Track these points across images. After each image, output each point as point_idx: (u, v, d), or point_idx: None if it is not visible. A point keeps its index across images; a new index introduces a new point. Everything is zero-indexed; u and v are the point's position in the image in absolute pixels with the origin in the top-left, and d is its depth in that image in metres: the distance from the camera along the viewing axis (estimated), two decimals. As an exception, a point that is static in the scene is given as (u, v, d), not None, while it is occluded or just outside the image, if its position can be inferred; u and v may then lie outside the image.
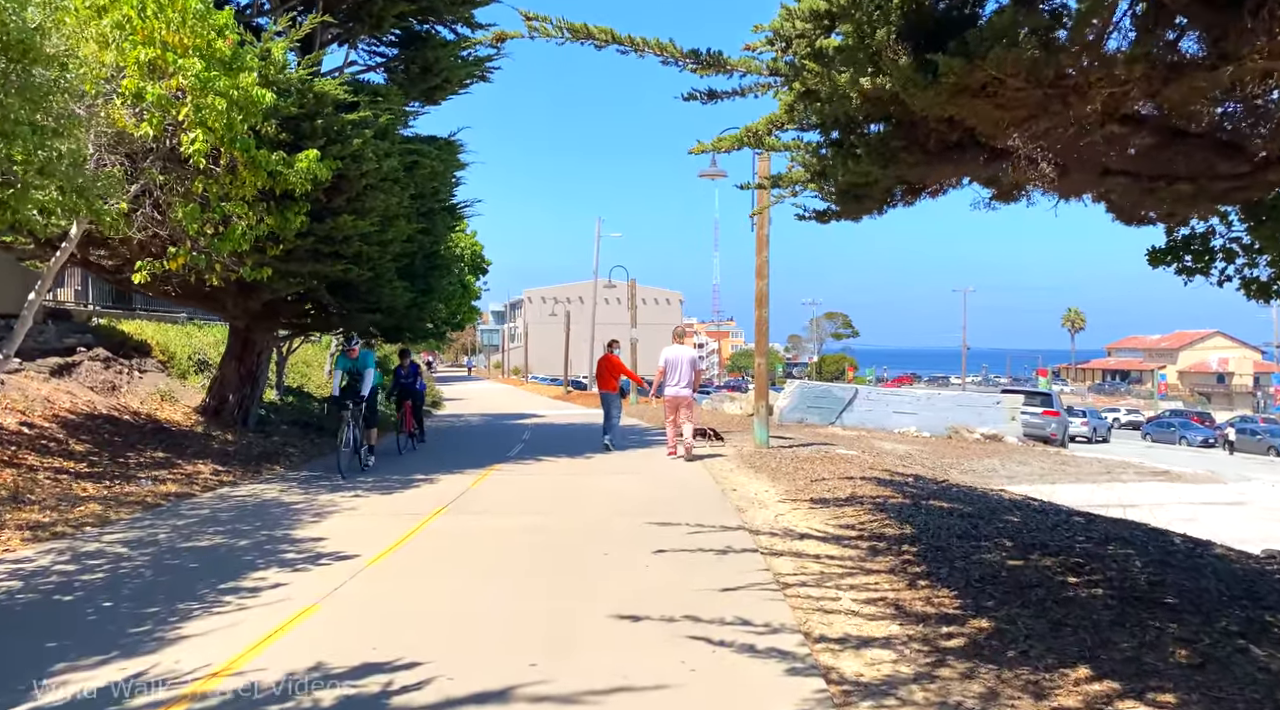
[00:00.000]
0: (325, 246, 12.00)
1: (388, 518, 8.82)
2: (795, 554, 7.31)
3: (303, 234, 11.47)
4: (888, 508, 9.00)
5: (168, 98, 8.80)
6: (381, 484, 11.19)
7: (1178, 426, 51.67)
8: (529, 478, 11.94)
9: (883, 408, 20.48)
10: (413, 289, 16.60)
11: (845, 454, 14.15)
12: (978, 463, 17.50)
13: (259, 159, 9.71)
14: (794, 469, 12.28)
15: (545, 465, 13.38)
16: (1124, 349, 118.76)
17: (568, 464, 13.50)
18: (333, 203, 11.73)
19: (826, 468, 12.24)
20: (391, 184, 12.73)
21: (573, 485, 11.12)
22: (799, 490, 10.54)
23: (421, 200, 14.75)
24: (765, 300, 15.36)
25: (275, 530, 8.21)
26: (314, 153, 10.24)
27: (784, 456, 13.77)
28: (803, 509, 9.38)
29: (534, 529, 8.24)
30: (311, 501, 9.85)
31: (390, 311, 15.79)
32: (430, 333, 23.79)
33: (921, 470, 13.77)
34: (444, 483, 11.35)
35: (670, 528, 8.28)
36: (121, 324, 17.88)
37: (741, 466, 13.09)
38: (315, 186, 11.09)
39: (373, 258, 13.19)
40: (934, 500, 9.31)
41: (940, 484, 10.78)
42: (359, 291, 13.70)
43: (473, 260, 40.88)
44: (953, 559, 6.83)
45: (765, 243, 15.30)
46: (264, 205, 10.58)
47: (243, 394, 15.93)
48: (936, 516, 8.40)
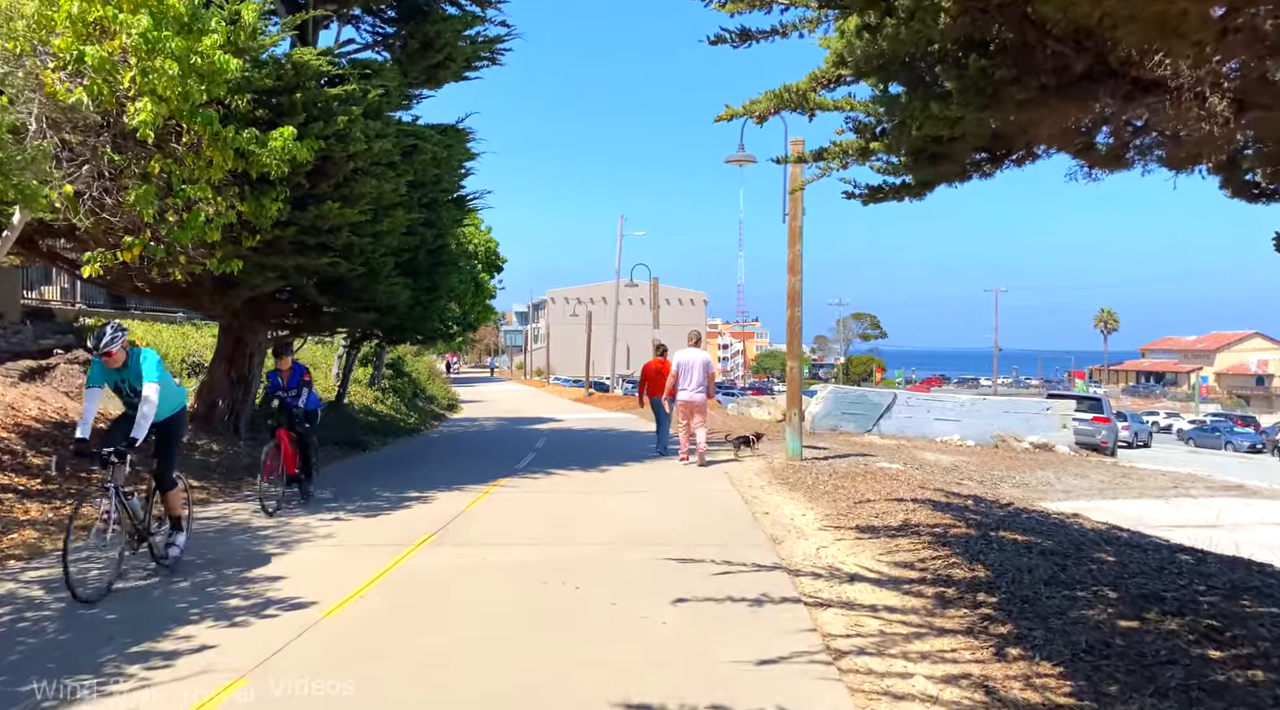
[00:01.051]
0: (310, 237, 10.79)
1: (363, 550, 7.57)
2: (847, 605, 5.97)
3: (282, 223, 10.28)
4: (950, 540, 7.63)
5: (113, 61, 7.61)
6: (369, 505, 9.96)
7: (1223, 431, 49.61)
8: (535, 496, 10.67)
9: (923, 414, 19.04)
10: (416, 286, 15.40)
11: (888, 468, 12.76)
12: (1030, 475, 16.03)
13: (224, 136, 8.51)
14: (834, 487, 10.92)
15: (555, 480, 12.10)
16: (1158, 350, 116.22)
17: (580, 479, 12.21)
18: (317, 188, 10.52)
19: (870, 486, 10.87)
20: (385, 169, 11.52)
21: (583, 507, 9.83)
22: (842, 514, 9.18)
23: (422, 189, 13.53)
24: (798, 298, 14.00)
25: (227, 566, 6.99)
26: (290, 130, 9.03)
27: (820, 471, 12.40)
28: (848, 540, 8.03)
29: (531, 566, 6.96)
30: (283, 526, 8.63)
31: (390, 310, 14.59)
32: (440, 333, 22.62)
33: (974, 487, 12.35)
34: (439, 502, 10.10)
35: (692, 566, 6.97)
36: (110, 324, 16.79)
37: (773, 482, 11.74)
38: (295, 169, 9.89)
39: (365, 251, 11.98)
40: (1004, 531, 7.92)
41: (1006, 508, 9.38)
42: (352, 288, 12.49)
43: (487, 257, 39.43)
44: (1045, 615, 5.47)
45: (798, 235, 13.95)
46: (235, 190, 9.39)
47: (234, 399, 14.79)
48: (1012, 553, 7.03)
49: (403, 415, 24.15)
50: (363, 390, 25.19)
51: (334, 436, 16.95)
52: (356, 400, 23.41)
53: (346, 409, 20.64)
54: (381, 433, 19.68)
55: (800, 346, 14.21)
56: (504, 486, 11.38)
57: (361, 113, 10.46)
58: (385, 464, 14.38)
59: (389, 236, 12.38)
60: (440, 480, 11.89)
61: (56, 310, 16.11)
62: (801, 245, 14.01)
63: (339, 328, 13.58)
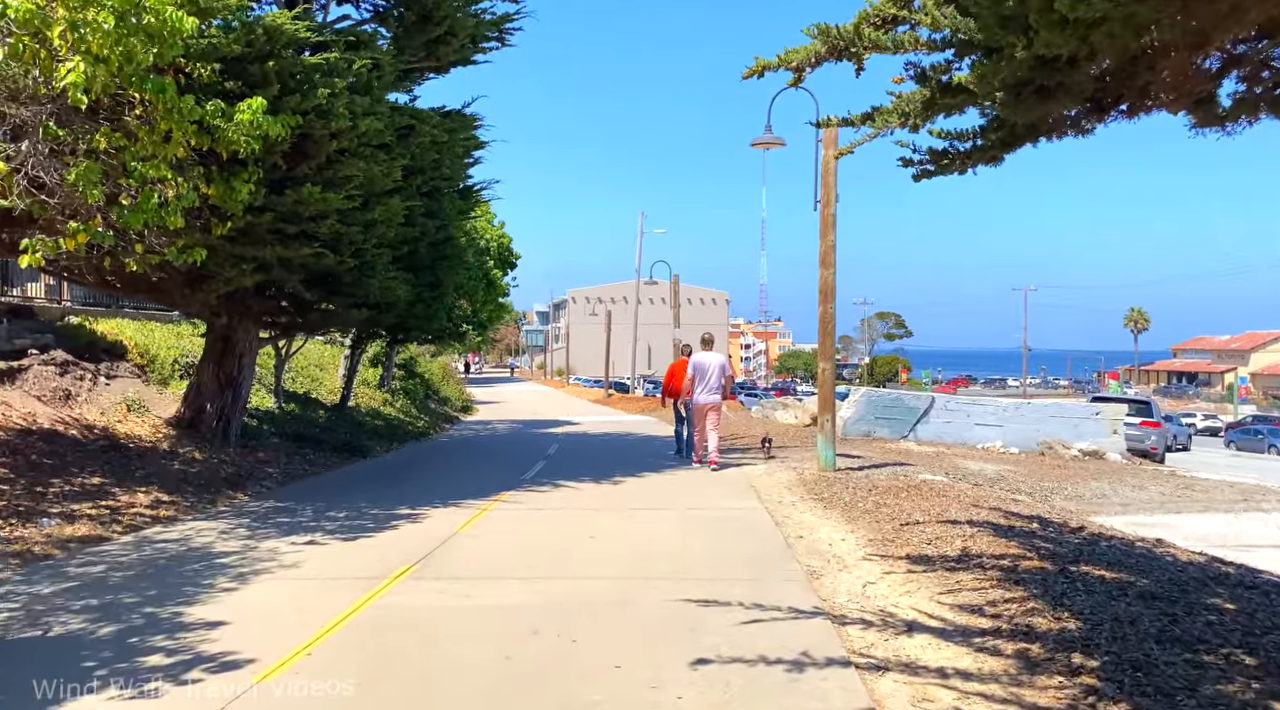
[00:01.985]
0: (290, 225, 9.72)
1: (330, 585, 6.47)
2: (907, 667, 4.79)
3: (257, 208, 9.22)
4: (1023, 576, 6.42)
5: (44, 15, 6.56)
6: (351, 524, 8.86)
7: (1265, 433, 47.69)
8: (539, 513, 9.54)
9: (962, 419, 17.75)
10: (418, 282, 14.35)
11: (932, 481, 11.53)
12: (1083, 486, 14.72)
13: (181, 107, 7.44)
14: (874, 505, 9.71)
15: (564, 494, 10.97)
16: (1190, 350, 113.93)
17: (591, 493, 11.07)
18: (296, 170, 9.45)
19: (916, 503, 9.65)
20: (375, 151, 10.45)
21: (591, 527, 8.68)
22: (888, 540, 7.98)
23: (421, 176, 12.46)
24: (831, 294, 12.79)
25: (166, 604, 5.90)
26: (260, 101, 7.96)
27: (857, 484, 11.19)
28: (899, 573, 6.84)
29: (522, 610, 5.82)
30: (248, 551, 7.54)
31: (389, 307, 13.54)
32: (449, 332, 21.58)
33: (1029, 504, 11.10)
34: (431, 521, 8.99)
35: (716, 609, 5.81)
36: (98, 323, 15.88)
37: (806, 497, 10.55)
38: (269, 148, 8.82)
39: (356, 242, 10.90)
40: (1084, 564, 6.69)
41: (1079, 534, 8.14)
42: (343, 283, 11.43)
43: (500, 253, 38.14)
44: (1169, 691, 4.27)
45: (831, 224, 12.74)
46: (200, 170, 8.33)
47: (222, 403, 13.78)
48: (1103, 596, 5.81)
49: (412, 419, 23.14)
50: (371, 392, 24.21)
51: (335, 442, 15.94)
52: (364, 403, 22.43)
53: (350, 413, 19.63)
54: (387, 437, 18.66)
55: (833, 347, 13.00)
56: (506, 501, 10.26)
57: (346, 86, 9.38)
58: (383, 474, 13.31)
59: (383, 226, 11.31)
60: (437, 494, 10.80)
61: (39, 308, 15.19)
62: (835, 236, 12.80)
63: (333, 326, 12.50)
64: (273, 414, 16.86)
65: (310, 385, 21.28)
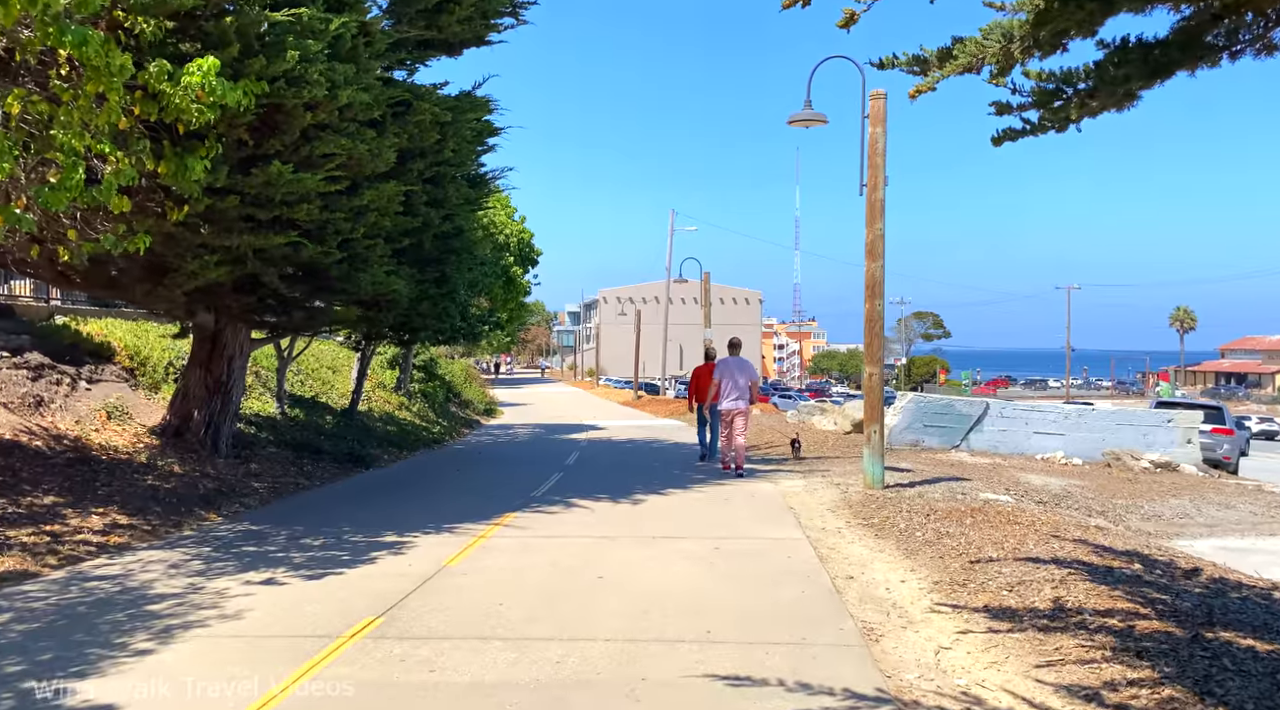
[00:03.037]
0: (261, 211, 8.51)
1: (265, 646, 5.21)
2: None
3: (219, 190, 8.02)
4: (1143, 644, 5.00)
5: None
6: (323, 556, 7.62)
7: (1328, 438, 45.35)
8: (544, 543, 8.24)
9: (1020, 427, 16.21)
10: (421, 277, 13.12)
11: (997, 503, 10.07)
12: (1160, 503, 13.16)
13: (110, 64, 6.24)
14: (935, 533, 8.31)
15: (576, 517, 9.66)
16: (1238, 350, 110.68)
17: (607, 514, 9.75)
18: (264, 146, 8.24)
19: (985, 532, 8.22)
20: (361, 128, 9.22)
21: (602, 563, 7.36)
22: (958, 583, 6.59)
23: (421, 160, 11.22)
24: (879, 288, 11.37)
25: (56, 674, 4.68)
26: (212, 61, 6.74)
27: (911, 505, 9.78)
28: (978, 632, 5.46)
29: (498, 693, 4.52)
30: (190, 594, 6.32)
31: (389, 305, 12.33)
32: (463, 331, 20.34)
33: (1125, 537, 9.60)
34: (417, 551, 7.74)
35: (750, 691, 4.47)
36: (88, 323, 14.86)
37: (853, 522, 9.16)
38: (230, 120, 7.63)
39: (341, 231, 9.68)
40: (1222, 629, 5.26)
41: (1195, 579, 6.66)
42: (330, 277, 10.21)
43: (520, 249, 36.56)
44: None
45: (879, 211, 11.32)
46: (147, 143, 7.14)
47: (211, 410, 12.67)
48: (1264, 680, 4.40)
49: (428, 424, 21.99)
50: (387, 396, 23.12)
51: (338, 451, 14.80)
52: (377, 407, 21.32)
53: (360, 418, 18.49)
54: (398, 444, 17.50)
55: (881, 349, 11.58)
56: (509, 526, 8.98)
57: (324, 50, 8.15)
58: (381, 488, 12.10)
59: (375, 214, 10.09)
60: (434, 514, 9.56)
61: (21, 308, 14.18)
62: (883, 223, 11.38)
63: (321, 326, 11.33)
64: (274, 420, 15.75)
65: (321, 388, 20.20)
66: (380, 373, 25.02)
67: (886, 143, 11.37)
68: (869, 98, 11.42)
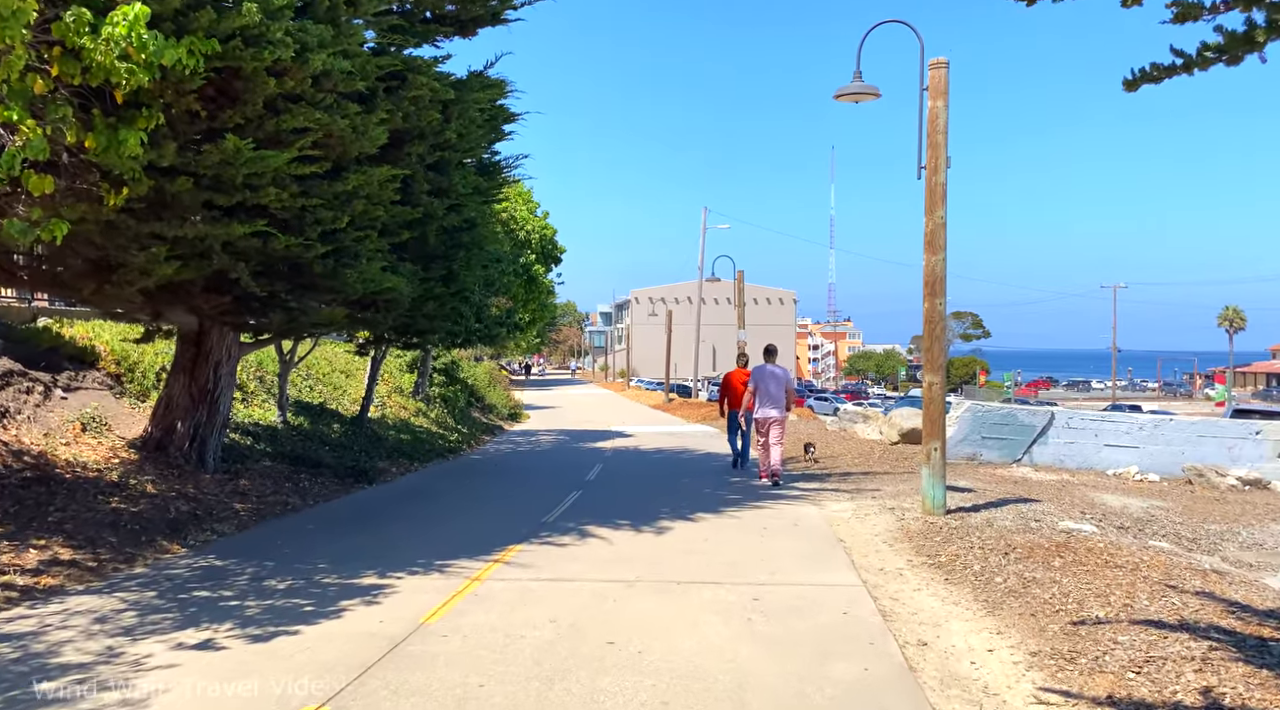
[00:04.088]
0: (220, 195, 7.28)
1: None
2: None
3: (167, 170, 6.80)
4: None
5: None
6: (287, 603, 6.37)
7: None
8: (548, 589, 6.92)
9: (1088, 439, 14.65)
10: (426, 275, 11.88)
11: (1083, 535, 8.59)
12: (1260, 530, 11.55)
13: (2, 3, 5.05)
14: (1019, 578, 6.87)
15: (590, 551, 8.33)
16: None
17: (626, 548, 8.41)
18: (222, 119, 7.00)
19: (1081, 578, 6.78)
20: (342, 101, 7.98)
21: (614, 622, 6.03)
22: (1063, 655, 5.17)
23: (419, 142, 9.97)
24: (940, 285, 9.93)
25: None
26: (140, 9, 5.55)
27: (984, 538, 8.35)
28: (1113, 744, 4.05)
29: None
30: (103, 661, 5.09)
31: (389, 305, 11.10)
32: (478, 334, 19.11)
33: (1240, 583, 8.09)
34: (395, 598, 6.46)
35: None
36: (74, 326, 13.81)
37: (917, 563, 7.75)
38: (177, 87, 6.42)
39: (323, 220, 8.45)
40: None
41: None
42: (311, 274, 8.98)
43: (542, 246, 34.89)
44: None
45: (941, 196, 9.89)
46: (69, 111, 5.94)
47: (196, 420, 11.55)
48: None
49: (445, 431, 20.80)
50: (404, 401, 21.98)
51: (340, 464, 13.62)
52: (392, 414, 20.18)
53: (371, 426, 17.33)
54: (409, 455, 16.31)
55: (942, 354, 10.14)
56: (511, 562, 7.68)
57: (291, 4, 6.90)
58: (378, 510, 10.87)
59: (362, 202, 8.85)
60: (428, 545, 8.30)
61: (0, 310, 13.16)
62: (945, 211, 9.94)
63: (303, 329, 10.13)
64: (274, 430, 14.62)
65: (332, 394, 19.09)
66: (398, 377, 23.92)
67: (948, 118, 9.93)
68: (928, 68, 10.00)
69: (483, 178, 12.96)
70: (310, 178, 8.14)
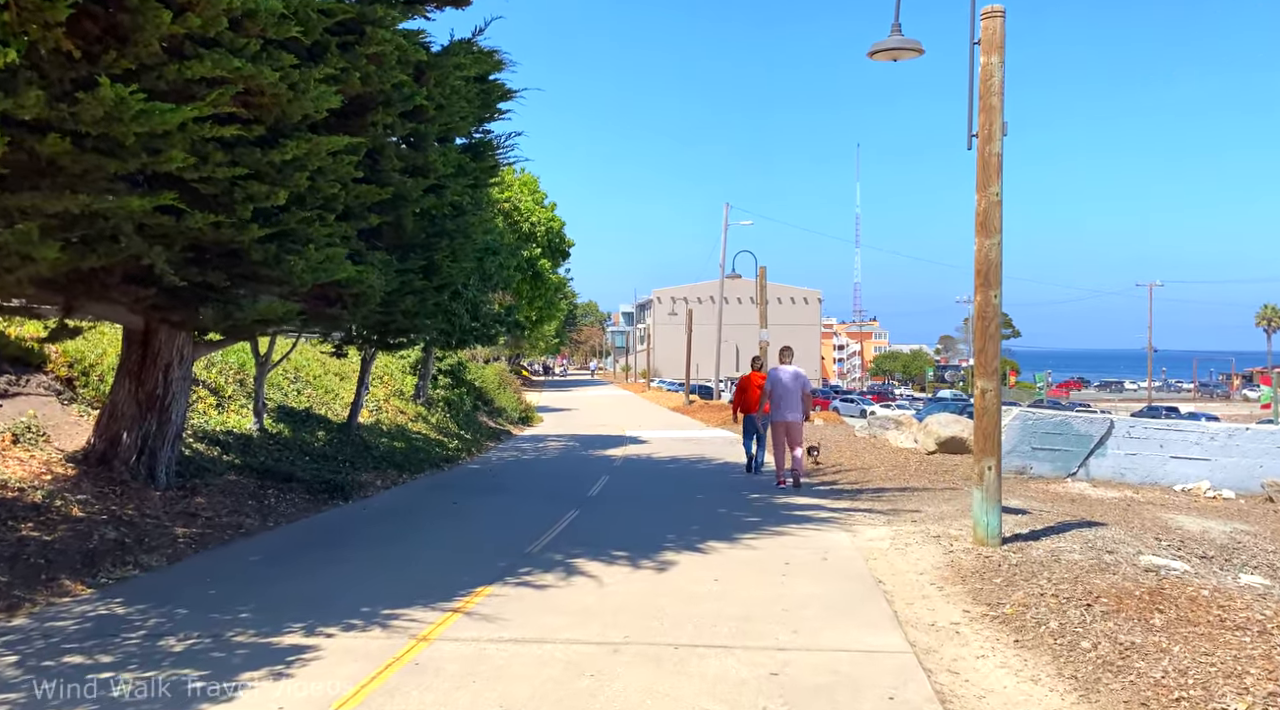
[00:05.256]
0: (112, 160, 5.89)
1: None
2: None
3: (36, 127, 5.43)
4: None
5: None
6: (184, 663, 4.99)
7: None
8: (508, 658, 5.47)
9: (1152, 450, 13.03)
10: (401, 266, 10.51)
11: (1175, 575, 7.04)
12: (1365, 560, 9.90)
13: None
14: (1111, 642, 5.35)
15: (575, 593, 6.89)
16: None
17: (618, 590, 6.96)
18: (104, 62, 5.62)
19: (1194, 643, 5.26)
20: (275, 50, 6.59)
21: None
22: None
23: (384, 111, 8.58)
24: (994, 274, 8.41)
25: None
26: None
27: (1054, 579, 6.83)
28: None
29: None
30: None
31: (358, 299, 9.73)
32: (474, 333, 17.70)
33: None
34: (314, 668, 5.06)
35: None
36: (25, 325, 12.54)
37: (976, 616, 6.24)
38: (38, 18, 5.07)
39: (255, 196, 7.06)
40: None
41: None
42: (249, 261, 7.60)
43: (549, 239, 33.16)
44: None
45: (996, 169, 8.36)
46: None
47: (144, 431, 10.26)
48: None
49: (445, 438, 19.44)
50: (402, 405, 20.66)
51: (315, 477, 12.27)
52: (389, 419, 18.85)
53: (359, 433, 16.00)
54: (399, 465, 14.96)
55: (997, 355, 8.61)
56: (470, 613, 6.25)
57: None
58: (339, 535, 9.49)
59: (306, 176, 7.45)
60: (375, 588, 6.90)
61: (-61, 306, 11.90)
62: (1000, 186, 8.41)
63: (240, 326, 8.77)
64: (248, 439, 13.30)
65: (323, 398, 17.79)
66: (399, 379, 22.63)
67: (1004, 77, 8.40)
68: (980, 17, 8.47)
69: (471, 159, 11.55)
70: (239, 144, 6.76)
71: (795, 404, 12.26)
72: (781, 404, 12.26)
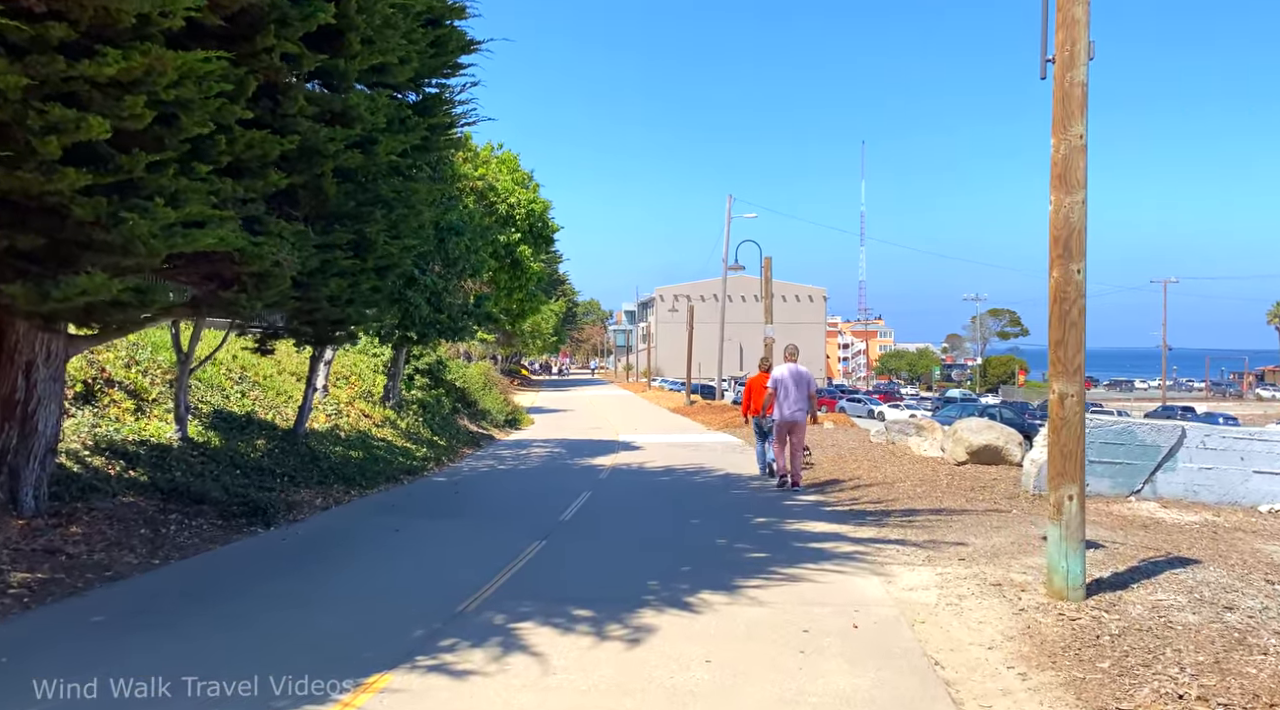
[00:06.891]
0: None
1: None
2: None
3: None
4: None
5: None
6: None
7: None
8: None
9: (1232, 463, 11.00)
10: (326, 240, 8.51)
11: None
12: None
13: None
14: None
15: (507, 686, 4.87)
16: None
17: (571, 678, 4.95)
18: None
19: None
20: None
21: None
22: None
23: (273, 32, 6.57)
24: (1079, 240, 6.38)
25: None
26: None
27: (1185, 664, 4.82)
28: None
29: None
30: None
31: (263, 278, 7.74)
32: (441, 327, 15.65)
33: None
34: None
35: None
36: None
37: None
38: None
39: (65, 127, 5.05)
40: None
41: None
42: (73, 222, 5.58)
43: (531, 224, 29.47)
44: None
45: (1080, 104, 6.33)
46: None
47: (2, 444, 8.28)
48: None
49: (413, 445, 17.43)
50: (368, 408, 18.65)
51: (236, 497, 10.27)
52: (350, 424, 16.85)
53: (306, 442, 13.99)
54: (351, 479, 12.97)
55: (1081, 347, 6.57)
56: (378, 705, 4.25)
57: None
58: (229, 581, 7.48)
59: (144, 99, 5.44)
60: (234, 669, 4.89)
61: None
62: (1084, 127, 6.38)
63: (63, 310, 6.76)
64: (165, 450, 11.30)
65: (274, 401, 15.81)
66: (369, 379, 20.64)
67: (1089, -17, 6.36)
68: (1056, -95, 6.43)
69: (417, 115, 9.53)
70: (32, 49, 4.75)
71: (801, 403, 12.25)
72: (788, 403, 12.21)
